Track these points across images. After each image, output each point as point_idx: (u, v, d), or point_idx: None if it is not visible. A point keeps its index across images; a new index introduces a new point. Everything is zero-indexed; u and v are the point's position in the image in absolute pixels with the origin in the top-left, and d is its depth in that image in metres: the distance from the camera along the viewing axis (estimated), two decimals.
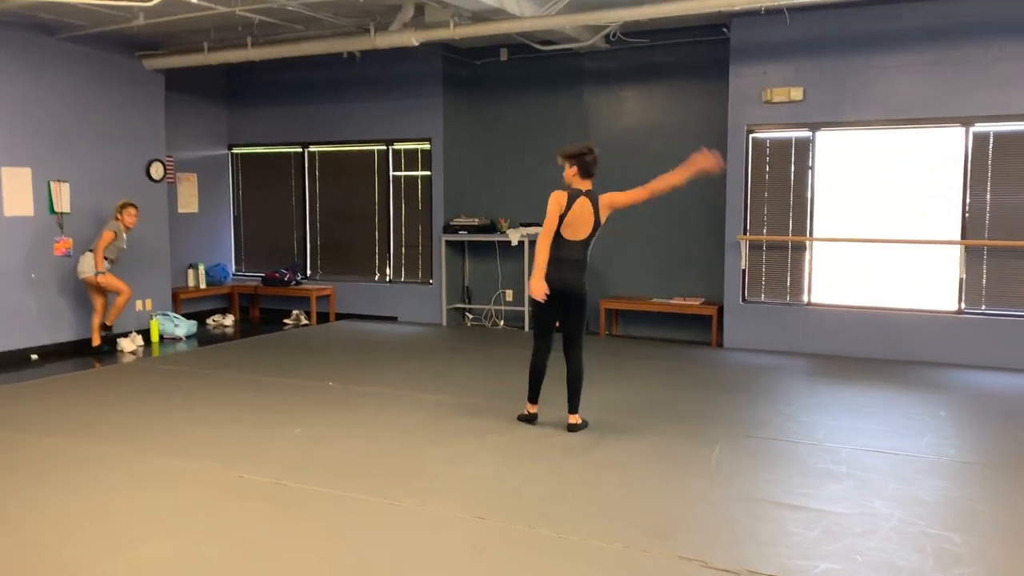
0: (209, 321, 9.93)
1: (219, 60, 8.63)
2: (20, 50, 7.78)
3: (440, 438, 5.19)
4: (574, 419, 5.32)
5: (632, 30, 8.49)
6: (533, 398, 5.45)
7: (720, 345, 8.36)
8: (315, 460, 4.75)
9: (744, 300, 8.24)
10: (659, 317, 8.90)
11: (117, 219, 8.13)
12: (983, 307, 7.44)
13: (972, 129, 7.36)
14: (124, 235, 8.17)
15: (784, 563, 3.40)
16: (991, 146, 7.34)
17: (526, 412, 5.49)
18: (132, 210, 8.20)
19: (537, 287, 5.12)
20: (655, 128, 8.91)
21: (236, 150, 10.95)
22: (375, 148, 10.15)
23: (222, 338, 9.08)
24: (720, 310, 8.37)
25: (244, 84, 10.66)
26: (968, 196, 7.42)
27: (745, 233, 8.17)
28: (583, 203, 5.15)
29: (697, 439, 5.14)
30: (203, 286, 10.22)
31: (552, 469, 4.62)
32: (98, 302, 8.17)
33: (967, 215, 7.43)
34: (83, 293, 8.26)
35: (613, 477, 4.46)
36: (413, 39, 7.71)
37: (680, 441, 5.10)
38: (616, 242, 9.01)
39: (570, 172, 5.20)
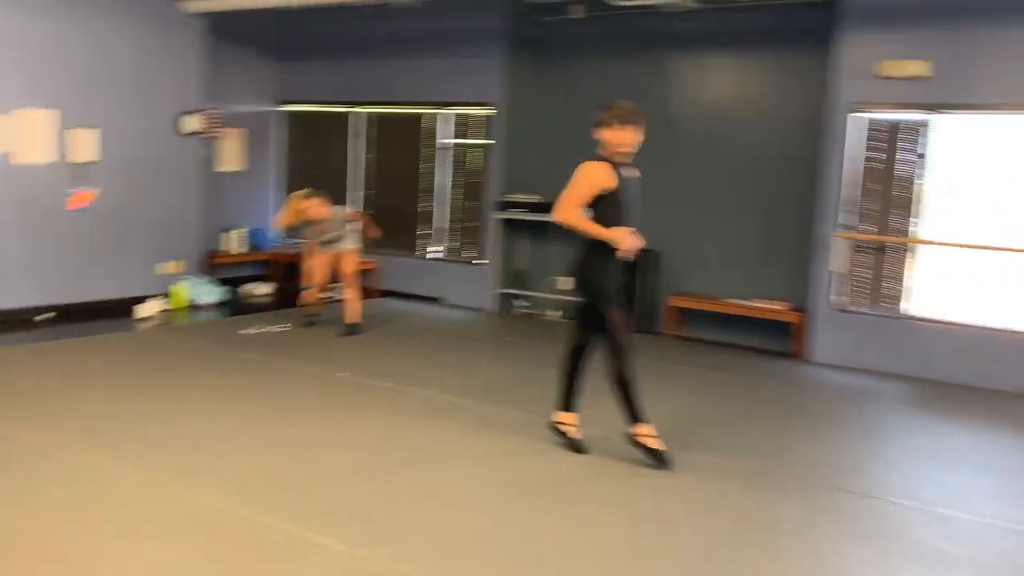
0: (240, 290, 9.19)
1: (259, 4, 7.82)
2: None
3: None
4: None
5: None
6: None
7: (805, 359, 7.20)
8: (296, 470, 3.90)
9: (833, 308, 7.06)
10: (733, 320, 7.76)
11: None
12: None
13: None
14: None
15: None
16: None
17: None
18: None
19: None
20: (747, 103, 7.73)
21: (285, 107, 10.20)
22: (426, 111, 9.24)
23: (251, 308, 8.36)
24: (807, 317, 7.21)
25: (295, 37, 9.86)
26: None
27: (839, 229, 6.97)
28: None
29: (766, 485, 4.11)
30: (240, 251, 9.53)
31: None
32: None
33: None
34: (100, 250, 7.70)
35: (645, 532, 3.48)
36: None
37: (745, 485, 4.08)
38: (690, 232, 7.91)
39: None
